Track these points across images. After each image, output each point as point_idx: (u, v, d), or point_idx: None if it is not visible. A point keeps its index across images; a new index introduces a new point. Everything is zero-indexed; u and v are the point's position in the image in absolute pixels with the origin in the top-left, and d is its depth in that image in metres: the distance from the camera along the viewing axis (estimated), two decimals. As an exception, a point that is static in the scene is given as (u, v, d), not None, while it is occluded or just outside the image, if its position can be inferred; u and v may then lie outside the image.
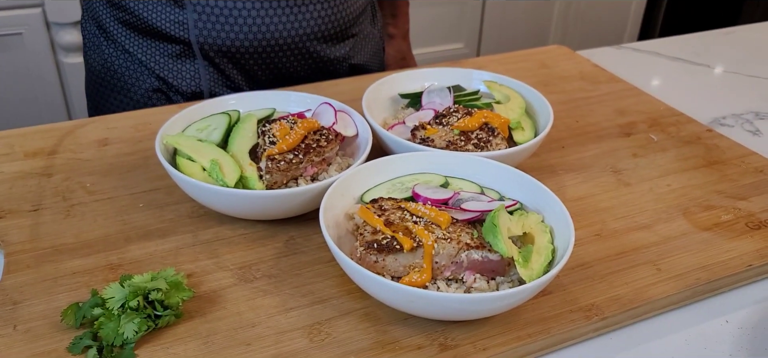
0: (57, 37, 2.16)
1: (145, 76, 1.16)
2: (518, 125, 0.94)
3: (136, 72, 1.17)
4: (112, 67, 1.18)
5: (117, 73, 1.18)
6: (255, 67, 1.15)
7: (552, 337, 0.69)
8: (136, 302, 0.66)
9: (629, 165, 0.99)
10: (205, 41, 1.11)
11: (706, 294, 0.77)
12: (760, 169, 0.98)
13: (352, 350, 0.66)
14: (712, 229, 0.85)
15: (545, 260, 0.69)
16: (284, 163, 0.80)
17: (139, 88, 1.17)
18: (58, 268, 0.74)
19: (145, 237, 0.80)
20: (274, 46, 1.13)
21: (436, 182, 0.80)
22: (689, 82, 1.33)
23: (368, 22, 1.31)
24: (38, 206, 0.84)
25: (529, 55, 1.37)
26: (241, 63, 1.15)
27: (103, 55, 1.19)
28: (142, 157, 0.95)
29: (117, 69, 1.18)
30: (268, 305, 0.71)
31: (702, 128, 1.10)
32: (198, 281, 0.74)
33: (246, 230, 0.82)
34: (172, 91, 1.16)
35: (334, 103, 0.92)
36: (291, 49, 1.15)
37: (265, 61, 1.15)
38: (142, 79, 1.17)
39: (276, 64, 1.16)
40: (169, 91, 1.17)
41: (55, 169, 0.92)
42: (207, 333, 0.67)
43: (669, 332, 0.73)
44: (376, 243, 0.68)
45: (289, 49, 1.15)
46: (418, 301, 0.64)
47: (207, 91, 1.17)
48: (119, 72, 1.18)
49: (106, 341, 0.64)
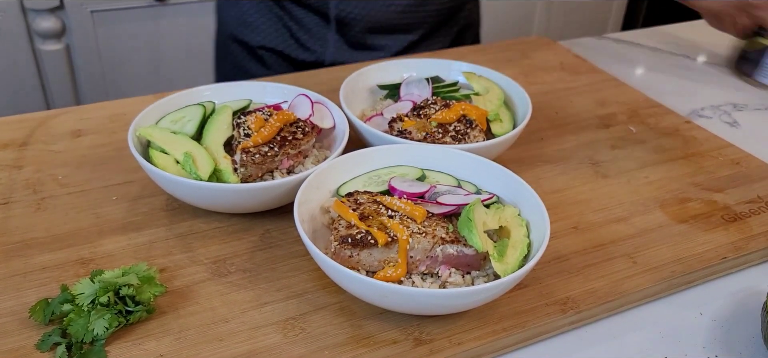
0: (34, 24, 2.12)
1: (275, 34, 1.25)
2: (496, 117, 0.93)
3: (269, 29, 1.25)
4: (247, 19, 1.27)
5: (251, 26, 1.28)
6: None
7: (527, 331, 0.69)
8: (106, 298, 0.65)
9: (607, 157, 0.99)
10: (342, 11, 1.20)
11: (680, 287, 0.77)
12: (736, 162, 0.99)
13: (326, 345, 0.65)
14: (688, 221, 0.86)
15: (521, 254, 0.69)
16: (259, 156, 0.79)
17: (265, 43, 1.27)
18: (28, 263, 0.73)
19: (118, 231, 0.79)
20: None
21: (412, 175, 0.80)
22: (669, 74, 1.33)
23: None
24: (8, 199, 0.83)
25: (510, 46, 1.37)
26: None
27: (242, 9, 1.28)
28: (116, 149, 0.94)
29: (251, 22, 1.27)
30: (242, 299, 0.70)
31: (680, 120, 1.11)
32: (171, 276, 0.73)
33: (221, 223, 0.81)
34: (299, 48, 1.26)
35: (311, 95, 0.91)
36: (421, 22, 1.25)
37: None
38: (272, 36, 1.25)
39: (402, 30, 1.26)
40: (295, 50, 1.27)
41: (26, 161, 0.90)
42: (179, 329, 0.66)
43: (643, 325, 0.73)
44: (350, 238, 0.67)
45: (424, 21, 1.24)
46: (392, 296, 0.63)
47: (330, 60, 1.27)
48: (253, 25, 1.27)
49: (75, 337, 0.63)
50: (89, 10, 2.17)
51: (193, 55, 2.44)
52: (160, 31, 2.33)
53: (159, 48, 2.37)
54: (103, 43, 2.26)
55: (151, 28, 2.31)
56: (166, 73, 2.43)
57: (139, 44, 2.33)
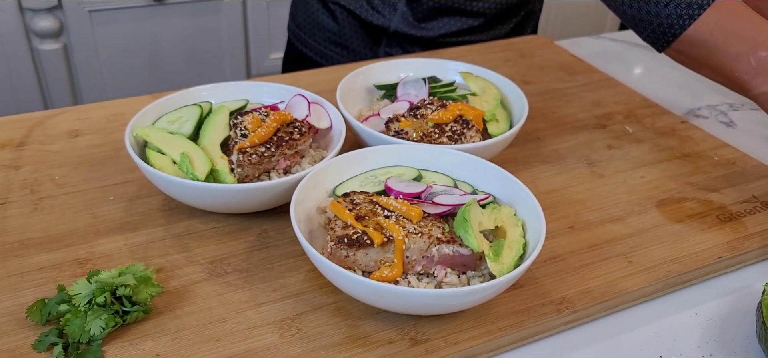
0: (32, 23, 2.12)
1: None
2: (493, 117, 0.94)
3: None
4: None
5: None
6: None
7: (523, 330, 0.69)
8: (103, 298, 0.65)
9: (604, 157, 1.00)
10: None
11: (676, 286, 0.78)
12: (732, 162, 0.99)
13: (322, 344, 0.66)
14: (684, 221, 0.86)
15: (516, 254, 0.69)
16: (256, 157, 0.79)
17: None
18: (25, 263, 0.73)
19: (115, 231, 0.79)
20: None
21: (409, 175, 0.80)
22: (666, 73, 1.34)
23: None
24: (5, 199, 0.83)
25: (507, 45, 1.37)
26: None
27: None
28: (113, 149, 0.94)
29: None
30: (238, 299, 0.70)
31: (677, 120, 1.11)
32: (168, 276, 0.73)
33: (218, 223, 0.81)
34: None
35: (308, 95, 0.91)
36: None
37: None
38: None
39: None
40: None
41: (24, 161, 0.90)
42: (176, 329, 0.66)
43: (639, 325, 0.73)
44: (346, 238, 0.67)
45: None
46: (388, 296, 0.63)
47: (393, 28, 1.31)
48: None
49: (72, 337, 0.63)
50: (87, 10, 2.18)
51: (191, 55, 2.44)
52: (158, 31, 2.33)
53: (157, 48, 2.37)
54: (101, 42, 2.27)
55: (149, 27, 2.31)
56: (163, 73, 2.43)
57: (137, 44, 2.33)
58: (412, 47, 1.34)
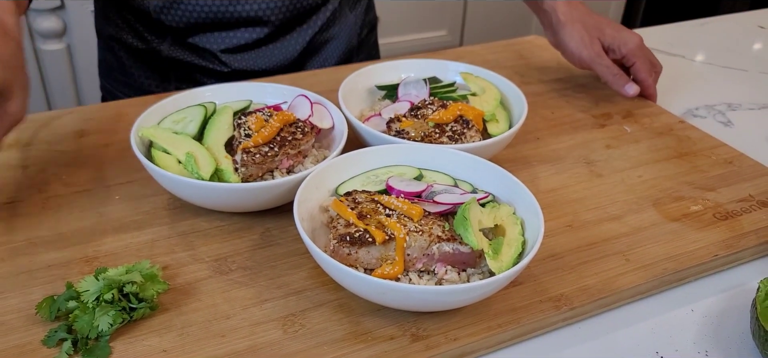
0: (35, 24, 2.14)
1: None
2: (493, 117, 0.95)
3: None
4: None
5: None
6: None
7: (522, 327, 0.70)
8: (110, 295, 0.66)
9: (602, 156, 1.01)
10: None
11: (672, 284, 0.79)
12: (729, 161, 1.00)
13: (325, 340, 0.67)
14: (680, 219, 0.87)
15: (515, 251, 0.70)
16: (260, 156, 0.81)
17: None
18: (34, 261, 0.75)
19: (121, 229, 0.80)
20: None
21: (410, 174, 0.81)
22: (664, 73, 1.34)
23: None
24: (14, 198, 0.84)
25: (508, 46, 1.38)
26: None
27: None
28: (119, 149, 0.95)
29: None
30: (242, 296, 0.72)
31: (674, 120, 1.12)
32: (174, 273, 0.74)
33: (222, 222, 0.82)
34: None
35: (311, 95, 0.93)
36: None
37: None
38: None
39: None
40: None
41: (31, 160, 0.92)
42: (182, 325, 0.68)
43: (635, 321, 0.74)
44: (348, 236, 0.69)
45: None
46: (389, 293, 0.65)
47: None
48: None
49: (80, 333, 0.64)
50: (90, 10, 2.19)
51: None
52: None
53: (159, 48, 2.37)
54: (104, 42, 2.27)
55: (152, 27, 2.32)
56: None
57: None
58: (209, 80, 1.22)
